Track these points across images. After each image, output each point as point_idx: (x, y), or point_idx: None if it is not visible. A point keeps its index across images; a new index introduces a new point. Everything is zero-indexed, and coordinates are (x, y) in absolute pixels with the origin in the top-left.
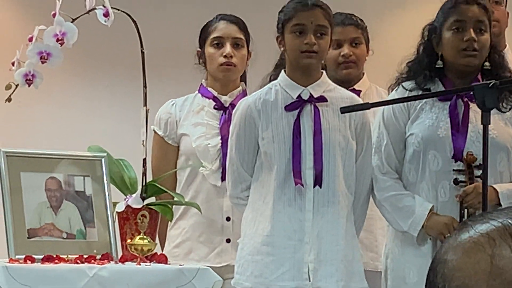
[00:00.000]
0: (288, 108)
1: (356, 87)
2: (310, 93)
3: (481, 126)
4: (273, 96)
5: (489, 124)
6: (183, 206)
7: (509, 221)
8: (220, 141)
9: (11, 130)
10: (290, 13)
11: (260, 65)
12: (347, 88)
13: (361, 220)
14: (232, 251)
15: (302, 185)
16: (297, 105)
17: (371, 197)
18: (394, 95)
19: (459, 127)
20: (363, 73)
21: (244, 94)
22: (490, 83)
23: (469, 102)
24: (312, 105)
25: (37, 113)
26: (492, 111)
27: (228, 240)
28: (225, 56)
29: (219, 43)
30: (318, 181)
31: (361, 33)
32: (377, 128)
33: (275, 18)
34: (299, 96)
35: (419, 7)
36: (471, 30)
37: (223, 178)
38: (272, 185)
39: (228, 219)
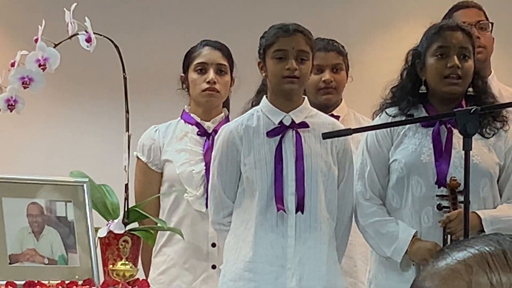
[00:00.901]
0: (270, 134)
1: (335, 112)
2: (292, 119)
3: None
4: (255, 122)
5: (471, 149)
6: (167, 233)
7: (486, 248)
8: (204, 167)
9: None
10: (271, 39)
11: (243, 91)
12: (326, 114)
13: (343, 246)
14: (218, 277)
15: (284, 211)
16: (279, 131)
17: (352, 222)
18: (377, 121)
19: (442, 153)
20: (341, 99)
21: (227, 120)
22: (472, 109)
23: (452, 128)
24: (294, 131)
25: (19, 139)
26: (476, 137)
27: (213, 267)
28: (208, 82)
29: (202, 69)
30: (300, 207)
31: (342, 60)
32: (360, 154)
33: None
34: (281, 122)
35: (402, 31)
36: (455, 56)
37: (207, 204)
38: (254, 211)
39: (213, 245)
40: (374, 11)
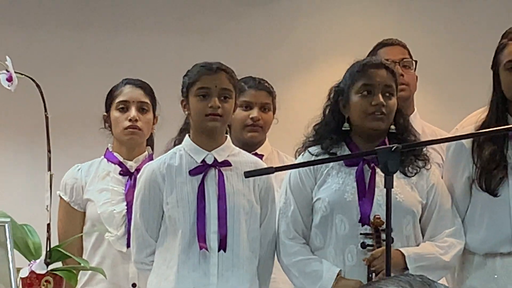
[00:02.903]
0: (193, 172)
1: (259, 151)
2: (215, 158)
3: None
4: (177, 161)
5: (393, 187)
6: (89, 272)
7: None
8: (126, 207)
9: None
10: (194, 77)
11: (167, 129)
12: (249, 152)
13: (265, 284)
14: None
15: (207, 250)
16: (201, 169)
17: (274, 260)
18: (300, 159)
19: (365, 191)
20: (265, 137)
21: (150, 158)
22: (393, 146)
23: (376, 167)
24: (217, 170)
25: None
26: (398, 176)
27: None
28: (130, 120)
29: (124, 107)
30: (222, 246)
31: (271, 100)
32: (284, 193)
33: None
34: (203, 160)
35: (325, 69)
36: (380, 94)
37: (128, 244)
38: (176, 250)
39: (134, 285)
40: (296, 49)
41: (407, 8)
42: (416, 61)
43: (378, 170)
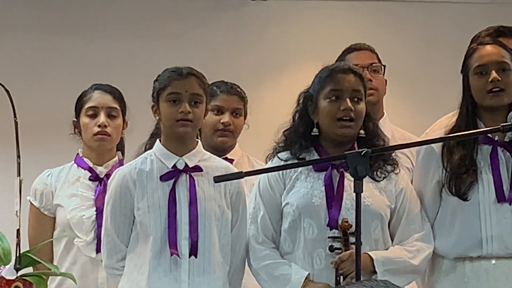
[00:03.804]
0: (164, 178)
1: (229, 156)
2: (185, 163)
3: None
4: (148, 166)
5: (362, 192)
6: (59, 277)
7: None
8: (95, 213)
9: None
10: (165, 82)
11: (138, 134)
12: (219, 156)
13: None
14: None
15: (178, 255)
16: (172, 175)
17: (245, 266)
18: (270, 165)
19: (334, 195)
20: (236, 142)
21: (120, 163)
22: (362, 151)
23: (344, 172)
24: (188, 175)
25: None
26: (367, 180)
27: None
28: (99, 126)
29: (93, 113)
30: (193, 251)
31: (242, 105)
32: (253, 198)
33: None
34: (174, 165)
35: (295, 74)
36: (348, 99)
37: (98, 250)
38: (147, 256)
39: None
40: (267, 54)
41: (376, 13)
42: (384, 66)
43: (346, 174)
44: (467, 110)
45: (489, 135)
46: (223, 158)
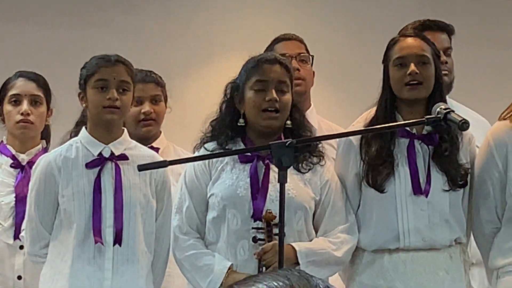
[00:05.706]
0: (89, 165)
1: (154, 144)
2: (111, 151)
3: None
4: (74, 153)
5: (287, 182)
6: None
7: (274, 283)
8: (14, 199)
9: None
10: (92, 69)
11: (64, 122)
12: (145, 145)
13: (160, 279)
14: None
15: (102, 243)
16: (98, 162)
17: (169, 255)
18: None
19: (259, 187)
20: (161, 131)
21: (44, 151)
22: (287, 141)
23: (270, 164)
24: (113, 163)
25: None
26: (292, 172)
27: None
28: (21, 114)
29: (16, 100)
30: (118, 240)
31: (161, 91)
32: (179, 188)
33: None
34: (100, 153)
35: (223, 64)
36: (273, 90)
37: (15, 236)
38: (71, 243)
39: (19, 277)
40: (194, 43)
41: (305, 3)
42: (312, 56)
43: (272, 166)
44: (386, 102)
45: (406, 128)
46: (148, 147)
